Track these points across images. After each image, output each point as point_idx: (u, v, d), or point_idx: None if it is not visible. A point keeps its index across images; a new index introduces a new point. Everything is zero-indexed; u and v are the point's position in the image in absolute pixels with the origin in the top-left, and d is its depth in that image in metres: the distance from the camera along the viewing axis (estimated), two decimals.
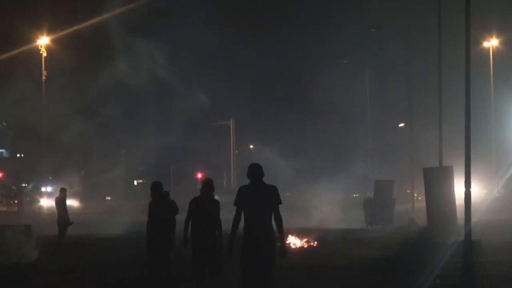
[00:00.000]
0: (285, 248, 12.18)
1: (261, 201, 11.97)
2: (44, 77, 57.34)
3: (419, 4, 50.04)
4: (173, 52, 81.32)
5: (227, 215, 14.17)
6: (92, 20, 57.99)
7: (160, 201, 15.98)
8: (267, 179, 12.23)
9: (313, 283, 17.96)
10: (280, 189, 12.15)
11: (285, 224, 12.09)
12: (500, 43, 57.59)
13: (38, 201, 56.86)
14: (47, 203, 55.74)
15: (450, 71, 36.26)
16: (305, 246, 26.63)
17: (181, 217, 15.18)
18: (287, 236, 25.35)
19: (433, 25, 35.69)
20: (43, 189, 58.70)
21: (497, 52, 57.22)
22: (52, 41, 57.57)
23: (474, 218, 28.02)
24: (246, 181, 12.21)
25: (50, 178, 62.35)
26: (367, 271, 19.77)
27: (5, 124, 65.37)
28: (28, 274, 19.68)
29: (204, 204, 14.21)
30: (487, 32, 56.54)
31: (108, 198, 66.33)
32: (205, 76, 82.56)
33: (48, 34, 57.38)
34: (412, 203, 43.18)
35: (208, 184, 14.37)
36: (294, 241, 26.81)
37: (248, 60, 77.64)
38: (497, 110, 55.60)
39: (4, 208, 55.74)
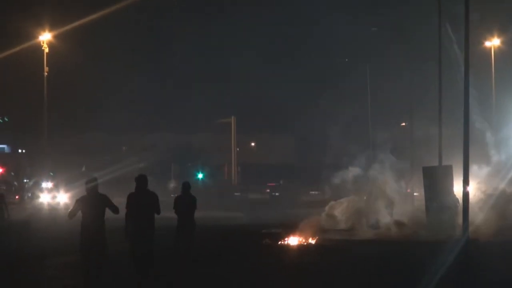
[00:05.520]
0: None
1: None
2: (46, 73, 57.30)
3: (422, 3, 49.96)
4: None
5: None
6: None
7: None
8: None
9: None
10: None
11: None
12: (502, 42, 57.50)
13: (39, 197, 56.91)
14: (48, 198, 55.87)
15: (452, 71, 36.26)
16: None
17: None
18: None
19: (436, 24, 35.74)
20: (44, 185, 58.73)
21: (499, 51, 57.14)
22: (54, 37, 57.55)
23: (479, 218, 28.13)
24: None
25: (51, 174, 62.41)
26: (366, 266, 19.88)
27: (7, 120, 65.38)
28: None
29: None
30: (488, 32, 56.44)
31: None
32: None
33: (50, 30, 57.38)
34: (412, 202, 43.22)
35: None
36: None
37: (250, 63, 77.81)
38: (498, 110, 55.45)
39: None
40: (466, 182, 18.49)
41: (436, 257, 20.32)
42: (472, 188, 27.86)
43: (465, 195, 18.53)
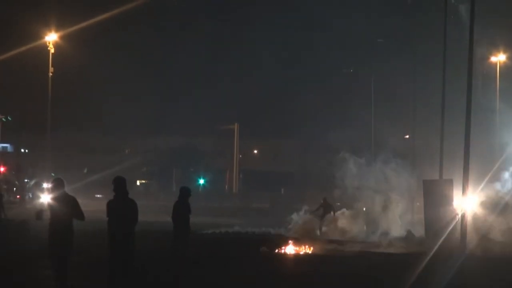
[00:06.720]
0: None
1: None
2: (51, 74, 57.33)
3: (427, 17, 50.09)
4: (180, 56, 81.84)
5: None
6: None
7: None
8: None
9: None
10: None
11: None
12: (508, 58, 57.48)
13: (39, 197, 56.90)
14: (48, 199, 55.85)
15: (457, 84, 36.29)
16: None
17: None
18: None
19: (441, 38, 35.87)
20: (45, 185, 58.73)
21: (504, 67, 57.13)
22: (60, 38, 57.60)
23: (479, 231, 28.04)
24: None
25: (53, 174, 62.37)
26: (362, 278, 19.86)
27: (10, 119, 65.45)
28: None
29: None
30: (494, 47, 56.45)
31: (99, 195, 65.96)
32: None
33: (56, 31, 57.43)
34: (412, 214, 43.16)
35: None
36: None
37: (258, 71, 78.05)
38: (502, 124, 55.39)
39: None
40: (465, 196, 18.44)
41: (433, 271, 20.31)
42: (471, 200, 27.77)
43: (464, 211, 18.49)
